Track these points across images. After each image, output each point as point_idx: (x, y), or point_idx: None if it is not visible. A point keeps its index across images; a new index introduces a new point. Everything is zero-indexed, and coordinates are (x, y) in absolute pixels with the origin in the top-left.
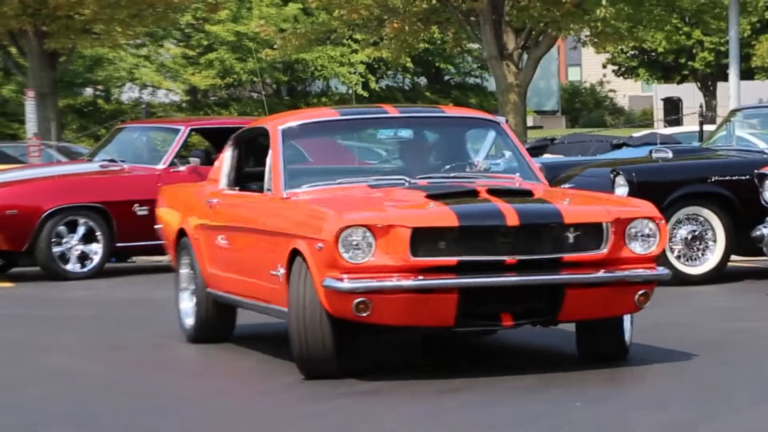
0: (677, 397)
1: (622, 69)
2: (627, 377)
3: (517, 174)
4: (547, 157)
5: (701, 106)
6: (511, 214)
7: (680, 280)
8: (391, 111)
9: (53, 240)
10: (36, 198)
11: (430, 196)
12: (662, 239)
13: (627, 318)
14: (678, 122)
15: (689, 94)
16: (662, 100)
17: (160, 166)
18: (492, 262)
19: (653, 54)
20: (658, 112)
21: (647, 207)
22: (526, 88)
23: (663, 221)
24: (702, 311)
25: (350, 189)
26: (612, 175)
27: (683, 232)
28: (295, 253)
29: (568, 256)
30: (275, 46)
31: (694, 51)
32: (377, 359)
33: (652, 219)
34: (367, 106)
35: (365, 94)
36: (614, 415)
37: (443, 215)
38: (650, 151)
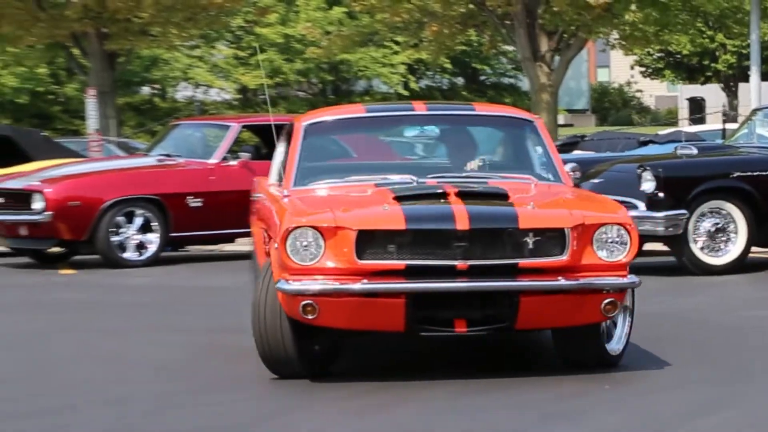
0: (700, 381)
1: (649, 70)
2: (651, 361)
3: (549, 176)
4: (578, 153)
5: (724, 106)
6: (462, 217)
7: (703, 270)
8: (419, 108)
9: (112, 230)
10: (96, 190)
11: (397, 198)
12: (633, 246)
13: (620, 324)
14: (702, 121)
15: (712, 95)
16: (687, 99)
17: (213, 161)
18: (441, 267)
19: (678, 56)
20: (683, 111)
21: (619, 213)
22: (557, 88)
23: (634, 227)
24: (724, 299)
25: (349, 188)
26: (639, 171)
27: (707, 224)
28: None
29: (524, 262)
30: (321, 45)
31: (717, 53)
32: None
33: (622, 225)
34: (397, 103)
35: (406, 93)
36: (640, 396)
37: (391, 217)
38: (675, 148)
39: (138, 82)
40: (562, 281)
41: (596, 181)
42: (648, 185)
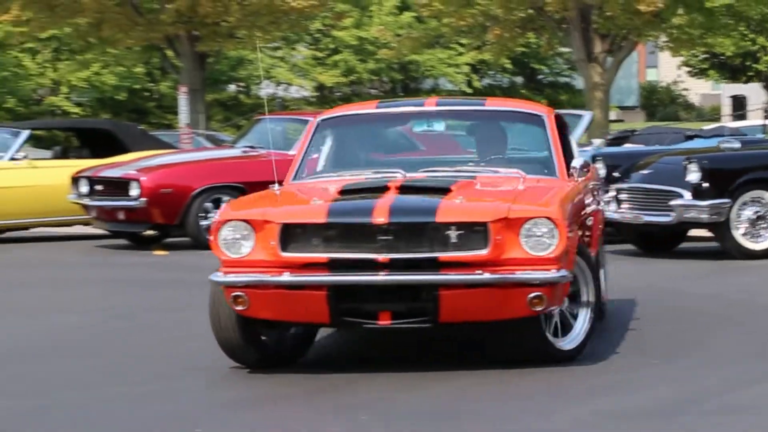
0: (743, 355)
1: (695, 70)
2: (698, 338)
3: (545, 170)
4: (628, 146)
5: (765, 103)
6: (382, 211)
7: (745, 254)
8: (429, 104)
9: (201, 215)
10: (187, 179)
11: (342, 191)
12: (561, 240)
13: (581, 319)
14: (743, 117)
15: (754, 93)
16: (729, 97)
17: (293, 152)
18: (362, 261)
19: (722, 57)
20: (726, 108)
21: (549, 207)
22: (609, 87)
23: (562, 220)
24: (763, 282)
25: (332, 182)
26: (686, 163)
27: (748, 212)
28: None
29: (445, 256)
30: (392, 46)
31: (758, 55)
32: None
33: (550, 219)
34: (409, 99)
35: (470, 91)
36: (683, 371)
37: (314, 211)
38: (719, 142)
39: (225, 81)
40: (482, 275)
41: (645, 172)
42: (694, 176)
